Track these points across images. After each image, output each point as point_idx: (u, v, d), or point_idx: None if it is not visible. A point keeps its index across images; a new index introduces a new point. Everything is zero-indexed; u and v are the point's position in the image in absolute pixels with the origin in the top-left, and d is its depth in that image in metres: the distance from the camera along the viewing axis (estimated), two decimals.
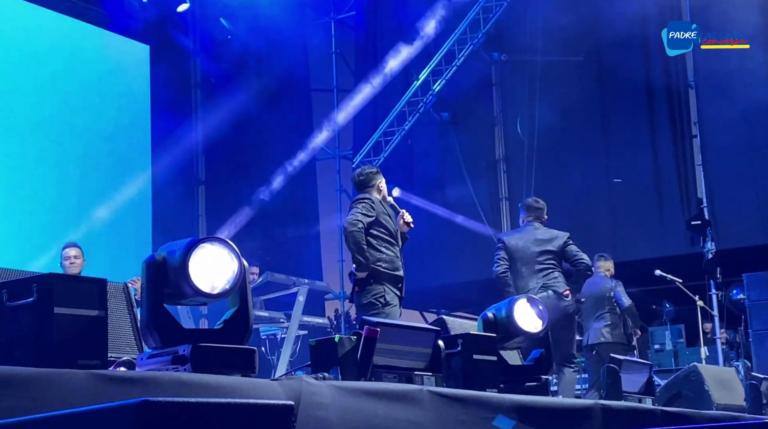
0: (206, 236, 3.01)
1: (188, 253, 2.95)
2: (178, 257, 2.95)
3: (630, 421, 3.95)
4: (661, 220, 11.21)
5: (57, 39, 10.14)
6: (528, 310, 4.51)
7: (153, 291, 2.97)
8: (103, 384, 2.50)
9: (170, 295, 3.03)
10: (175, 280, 2.97)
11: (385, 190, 6.20)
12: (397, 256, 6.01)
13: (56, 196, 9.73)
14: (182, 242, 3.01)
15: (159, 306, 2.97)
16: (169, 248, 3.03)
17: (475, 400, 3.43)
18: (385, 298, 5.85)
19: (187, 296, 3.05)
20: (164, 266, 2.99)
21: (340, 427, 2.87)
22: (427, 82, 12.09)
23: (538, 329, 4.50)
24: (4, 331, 2.81)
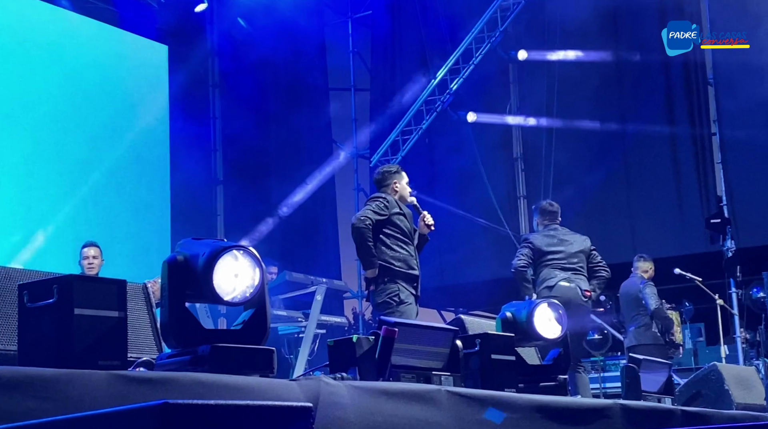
0: (231, 244, 3.02)
1: (214, 261, 2.97)
2: (202, 263, 2.97)
3: (650, 421, 3.93)
4: (680, 218, 11.16)
5: (76, 40, 10.21)
6: (548, 315, 4.50)
7: (174, 291, 2.99)
8: (124, 384, 2.51)
9: (190, 296, 3.05)
10: (198, 283, 2.99)
11: (403, 189, 6.19)
12: (411, 254, 6.01)
13: (75, 195, 9.79)
14: (205, 246, 3.03)
15: (180, 306, 2.99)
16: (190, 250, 3.04)
17: (494, 400, 3.43)
18: (399, 297, 5.86)
19: (208, 301, 3.07)
20: (186, 267, 3.00)
21: (358, 426, 2.88)
22: (444, 80, 12.08)
23: (557, 335, 4.50)
24: (25, 332, 2.83)
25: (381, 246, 5.95)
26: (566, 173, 11.60)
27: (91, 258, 7.31)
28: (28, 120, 9.50)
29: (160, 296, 3.04)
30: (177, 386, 2.60)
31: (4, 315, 3.15)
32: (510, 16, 11.85)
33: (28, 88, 9.55)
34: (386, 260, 5.92)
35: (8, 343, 3.08)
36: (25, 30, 9.69)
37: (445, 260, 12.19)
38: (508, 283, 11.62)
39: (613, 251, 11.00)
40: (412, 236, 6.08)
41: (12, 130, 9.36)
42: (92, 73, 10.28)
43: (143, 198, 10.64)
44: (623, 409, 3.86)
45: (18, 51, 9.53)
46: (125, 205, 10.30)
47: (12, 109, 9.36)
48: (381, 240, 5.96)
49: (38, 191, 9.45)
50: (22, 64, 9.55)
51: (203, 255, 2.98)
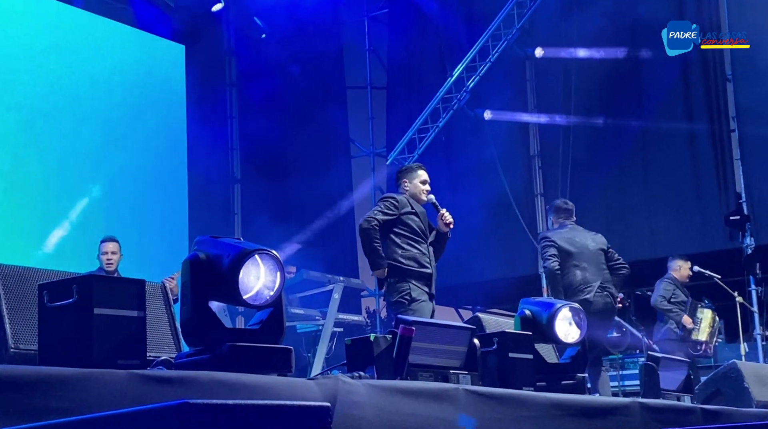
0: (256, 247, 3.05)
1: (240, 264, 2.99)
2: (228, 265, 2.99)
3: (669, 420, 3.92)
4: (699, 215, 11.09)
5: (93, 40, 10.26)
6: (570, 320, 4.49)
7: (196, 290, 3.00)
8: (143, 384, 2.53)
9: (212, 295, 3.07)
10: (221, 283, 3.01)
11: (415, 188, 6.15)
12: (423, 252, 6.00)
13: (93, 194, 9.84)
14: (228, 247, 3.05)
15: (203, 305, 3.01)
16: (212, 249, 3.06)
17: (512, 399, 3.43)
18: (410, 295, 5.86)
19: (228, 301, 3.09)
20: (209, 266, 3.02)
21: (376, 425, 2.88)
22: (461, 78, 12.06)
23: (576, 339, 4.49)
24: (45, 332, 2.85)
25: (391, 245, 5.97)
26: (583, 170, 11.56)
27: (110, 253, 7.35)
28: (45, 120, 9.55)
29: (179, 293, 3.06)
30: (196, 385, 2.62)
31: (25, 315, 3.18)
32: (527, 13, 11.83)
33: (45, 88, 9.60)
34: (396, 259, 5.93)
35: (29, 342, 3.11)
36: (41, 30, 9.75)
37: (462, 258, 12.16)
38: (526, 281, 11.64)
39: (631, 249, 10.95)
40: (425, 235, 6.06)
41: (30, 130, 9.42)
42: (109, 74, 10.33)
43: (161, 197, 10.69)
44: (642, 408, 3.85)
45: (34, 52, 9.59)
46: (143, 204, 10.35)
47: (29, 110, 9.42)
48: (391, 239, 5.97)
49: (56, 190, 9.51)
50: (39, 64, 9.61)
51: (228, 256, 3.00)
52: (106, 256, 7.34)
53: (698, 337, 8.47)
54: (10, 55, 9.35)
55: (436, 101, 12.13)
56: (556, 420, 3.46)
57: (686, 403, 5.08)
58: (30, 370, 2.45)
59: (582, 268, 6.98)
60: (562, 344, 4.52)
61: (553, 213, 7.42)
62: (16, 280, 3.24)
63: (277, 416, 1.70)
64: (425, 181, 6.20)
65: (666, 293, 8.69)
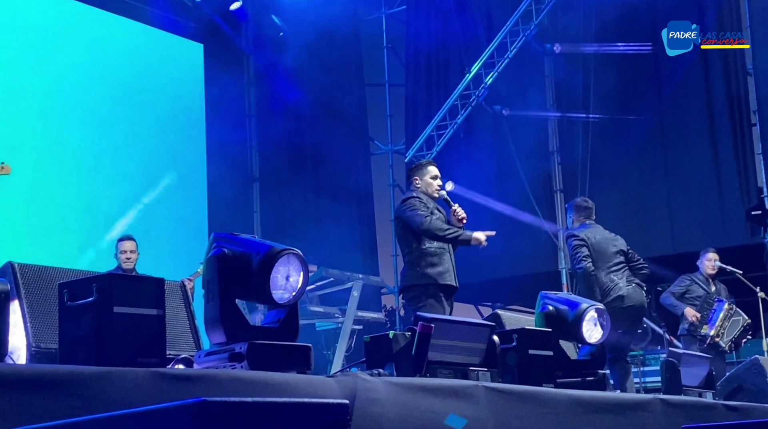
0: (284, 247, 3.10)
1: (272, 263, 3.02)
2: (259, 263, 3.01)
3: (691, 416, 3.89)
4: (720, 210, 11.01)
5: (111, 39, 10.30)
6: (595, 320, 4.48)
7: (223, 286, 3.01)
8: (163, 382, 2.54)
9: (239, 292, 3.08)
10: (250, 282, 3.03)
11: (427, 185, 6.12)
12: (442, 247, 5.99)
13: (112, 193, 9.89)
14: (254, 245, 3.08)
15: (230, 302, 3.02)
16: (238, 246, 3.07)
17: (533, 396, 3.42)
18: (429, 291, 5.85)
19: (255, 299, 3.10)
20: (235, 263, 3.03)
21: (396, 422, 2.88)
22: (479, 74, 12.02)
23: (597, 340, 4.48)
24: (65, 331, 2.87)
25: (414, 242, 5.95)
26: (603, 166, 11.50)
27: (129, 252, 7.39)
28: (63, 120, 9.60)
29: (205, 290, 3.06)
30: (215, 383, 2.63)
31: (45, 314, 3.19)
32: (545, 9, 11.77)
33: (63, 88, 9.66)
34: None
35: (49, 341, 3.12)
36: (61, 30, 9.80)
37: (481, 255, 12.11)
38: (546, 277, 11.59)
39: (652, 245, 10.91)
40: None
41: (48, 129, 9.47)
42: (128, 73, 10.37)
43: (180, 196, 10.73)
44: (664, 404, 3.83)
45: (53, 51, 9.64)
46: (162, 203, 10.39)
47: (46, 108, 9.47)
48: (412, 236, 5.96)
49: (75, 187, 9.56)
50: (57, 63, 9.66)
51: (258, 254, 3.03)
52: (125, 254, 7.38)
53: (705, 332, 8.40)
54: (28, 55, 9.41)
55: (455, 98, 12.10)
56: (577, 417, 3.44)
57: (708, 399, 5.04)
58: (51, 369, 2.46)
59: (602, 270, 6.96)
60: (585, 344, 4.50)
61: (574, 211, 7.39)
62: (36, 279, 3.26)
63: (295, 414, 1.70)
64: (436, 177, 6.15)
65: (677, 289, 8.67)
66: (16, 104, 9.16)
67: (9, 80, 9.15)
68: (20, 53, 9.32)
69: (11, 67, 9.19)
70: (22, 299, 3.17)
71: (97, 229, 9.41)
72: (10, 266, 3.22)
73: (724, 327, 8.43)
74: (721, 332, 8.40)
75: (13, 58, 9.21)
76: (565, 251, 11.75)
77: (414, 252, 5.90)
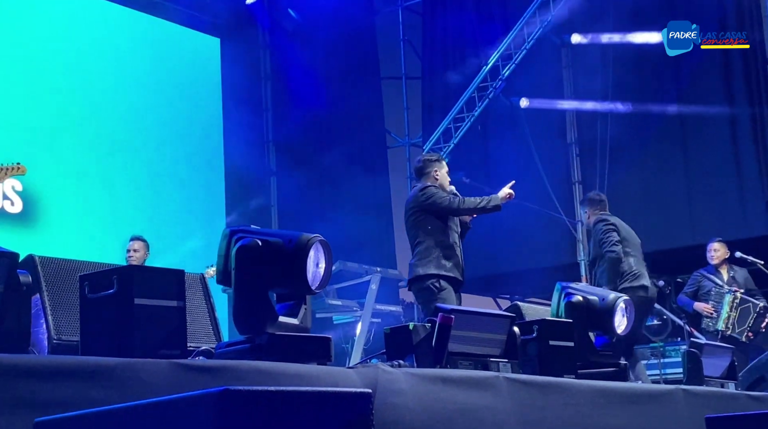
0: (313, 235, 3.12)
1: (307, 250, 3.04)
2: (293, 251, 3.02)
3: (713, 406, 3.87)
4: (740, 200, 10.93)
5: (128, 34, 10.34)
6: (624, 311, 4.48)
7: (254, 277, 3.00)
8: (185, 373, 2.54)
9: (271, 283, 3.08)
10: (284, 269, 3.03)
11: (444, 178, 6.24)
12: (456, 241, 6.07)
13: (130, 188, 9.92)
14: (282, 234, 3.09)
15: (260, 291, 3.02)
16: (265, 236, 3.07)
17: (554, 386, 3.40)
18: (440, 285, 5.91)
19: (289, 288, 3.10)
20: (267, 253, 3.02)
21: (418, 412, 2.87)
22: (496, 66, 11.97)
23: (623, 331, 4.47)
24: (87, 323, 2.88)
25: (422, 233, 5.99)
26: (622, 157, 11.44)
27: (132, 250, 7.48)
28: (81, 115, 9.64)
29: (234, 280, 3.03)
30: (236, 374, 2.63)
31: (66, 306, 3.21)
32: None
33: (78, 82, 9.69)
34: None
35: (71, 333, 3.14)
36: (77, 25, 9.84)
37: (499, 247, 12.10)
38: (564, 270, 11.54)
39: (672, 235, 10.85)
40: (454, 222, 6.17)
41: (64, 124, 9.50)
42: (145, 67, 10.40)
43: (198, 190, 10.77)
44: (686, 394, 3.80)
45: (69, 46, 9.68)
46: (180, 197, 10.42)
47: (62, 104, 9.51)
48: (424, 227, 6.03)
49: (93, 183, 9.59)
50: (73, 59, 9.69)
51: (291, 242, 3.03)
52: (128, 253, 7.48)
53: (717, 327, 8.32)
54: (43, 50, 9.44)
55: (472, 90, 12.06)
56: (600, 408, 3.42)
57: (731, 390, 5.01)
58: (73, 360, 2.47)
59: (633, 256, 7.00)
60: (614, 334, 4.47)
61: (589, 206, 7.45)
62: (57, 272, 3.27)
63: (319, 403, 1.70)
64: (448, 172, 6.34)
65: (689, 289, 8.68)
66: (32, 100, 9.20)
67: (25, 76, 9.18)
68: (35, 49, 9.36)
69: (28, 64, 9.23)
70: (43, 291, 3.18)
71: (113, 223, 9.43)
72: (31, 259, 3.23)
73: (733, 317, 8.33)
74: (731, 324, 8.30)
75: (28, 55, 9.25)
76: (584, 243, 11.71)
77: (428, 242, 5.92)
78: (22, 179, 8.83)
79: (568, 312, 4.35)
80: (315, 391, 1.70)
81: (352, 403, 1.76)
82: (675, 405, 3.73)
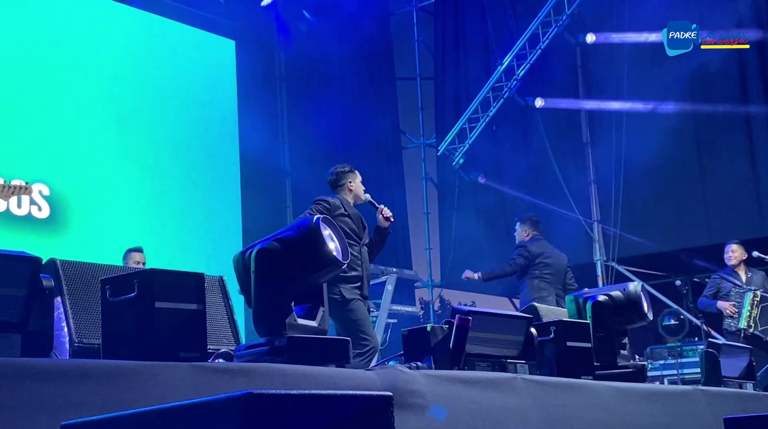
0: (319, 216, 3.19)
1: (317, 227, 3.08)
2: (305, 234, 3.05)
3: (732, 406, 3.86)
4: (756, 199, 10.87)
5: (144, 37, 10.38)
6: (646, 295, 4.50)
7: (266, 280, 3.03)
8: (206, 375, 2.56)
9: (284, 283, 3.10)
10: (304, 257, 3.05)
11: (357, 188, 6.42)
12: (355, 255, 6.10)
13: (146, 191, 9.96)
14: (287, 227, 3.12)
15: (275, 295, 3.04)
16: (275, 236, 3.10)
17: (574, 387, 3.40)
18: (343, 295, 6.00)
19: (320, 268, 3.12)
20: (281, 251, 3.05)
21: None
22: (511, 66, 11.96)
23: (650, 318, 4.48)
24: (108, 326, 2.90)
25: None
26: (637, 157, 11.40)
27: (142, 264, 7.34)
28: (96, 117, 9.68)
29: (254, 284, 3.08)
30: (257, 376, 2.64)
31: (87, 309, 3.23)
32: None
33: (93, 85, 9.73)
34: None
35: (92, 336, 3.16)
36: (93, 30, 9.88)
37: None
38: (580, 270, 11.51)
39: (687, 235, 10.82)
40: (357, 236, 6.23)
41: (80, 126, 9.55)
42: (160, 70, 10.44)
43: (214, 192, 10.80)
44: (705, 395, 3.80)
45: (83, 49, 9.71)
46: (197, 199, 10.46)
47: (77, 107, 9.55)
48: None
49: (108, 186, 9.64)
50: (89, 62, 9.73)
51: (300, 228, 3.07)
52: (139, 265, 7.31)
53: (739, 326, 8.31)
54: (57, 53, 9.49)
55: (487, 90, 12.05)
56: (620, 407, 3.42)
57: (749, 390, 4.99)
58: (95, 363, 2.49)
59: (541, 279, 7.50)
60: (645, 318, 4.46)
61: (526, 225, 8.47)
62: (78, 275, 3.30)
63: (340, 406, 1.71)
64: (362, 181, 6.52)
65: (709, 291, 8.69)
66: (46, 104, 9.25)
67: (38, 79, 9.23)
68: (49, 52, 9.40)
69: (40, 66, 9.27)
70: (65, 295, 3.21)
71: (132, 226, 9.48)
72: (53, 263, 3.26)
73: (754, 316, 8.33)
74: (753, 322, 8.29)
75: (40, 57, 9.30)
76: (600, 242, 11.69)
77: None
78: (49, 184, 8.91)
79: (596, 312, 4.31)
80: (337, 395, 1.72)
81: (373, 405, 1.77)
82: (695, 405, 3.73)
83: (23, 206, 8.72)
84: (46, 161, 9.02)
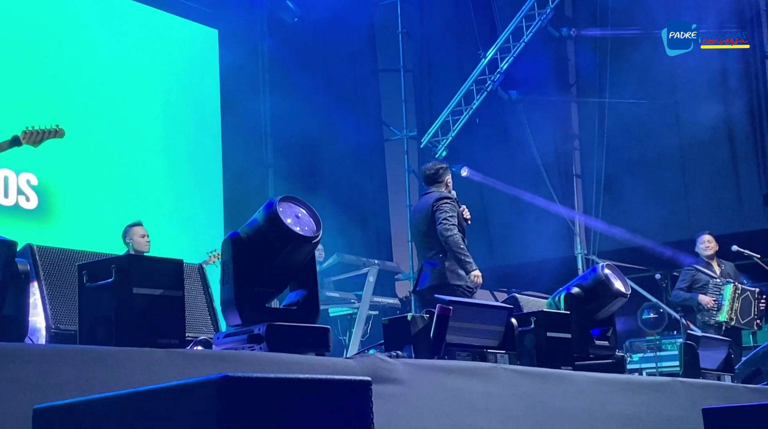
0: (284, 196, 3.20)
1: (274, 205, 3.09)
2: (264, 215, 3.07)
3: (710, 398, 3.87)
4: (737, 194, 10.94)
5: (126, 25, 10.29)
6: (614, 272, 4.50)
7: (238, 268, 3.02)
8: (183, 362, 2.54)
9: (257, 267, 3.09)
10: (271, 241, 3.04)
11: (450, 185, 6.62)
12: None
13: (127, 178, 9.90)
14: (253, 217, 3.12)
15: (245, 283, 3.03)
16: (248, 222, 3.11)
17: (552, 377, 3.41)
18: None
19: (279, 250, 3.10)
20: (250, 238, 3.04)
21: (417, 400, 2.88)
22: (494, 60, 11.97)
23: (629, 290, 4.49)
24: (85, 312, 2.88)
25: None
26: (620, 151, 11.45)
27: (145, 236, 7.42)
28: (76, 107, 9.60)
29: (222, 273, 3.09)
30: (235, 364, 2.63)
31: (64, 295, 3.20)
32: None
33: (72, 73, 9.64)
34: None
35: (69, 323, 3.13)
36: (75, 18, 9.80)
37: (496, 241, 12.13)
38: (562, 264, 11.56)
39: (668, 229, 10.87)
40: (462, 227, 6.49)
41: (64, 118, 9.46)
42: (142, 59, 10.36)
43: (196, 181, 10.74)
44: (684, 386, 3.81)
45: (67, 39, 9.63)
46: (178, 189, 10.40)
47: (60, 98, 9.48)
48: None
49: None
50: (70, 51, 9.65)
51: (260, 211, 3.08)
52: (144, 238, 7.39)
53: (719, 319, 8.32)
54: (40, 42, 9.41)
55: (470, 83, 12.06)
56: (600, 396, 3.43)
57: (727, 382, 5.01)
58: (71, 349, 2.47)
59: None
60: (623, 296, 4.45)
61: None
62: (55, 261, 3.27)
63: (318, 390, 1.70)
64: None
65: (683, 283, 8.62)
66: (31, 94, 9.17)
67: (21, 69, 9.15)
68: (28, 42, 9.31)
69: (22, 56, 9.19)
70: (41, 281, 3.18)
71: (111, 215, 9.41)
72: (29, 248, 3.22)
73: (735, 308, 8.34)
74: (734, 315, 8.31)
75: (20, 47, 9.21)
76: (581, 236, 11.74)
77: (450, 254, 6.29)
78: (37, 174, 8.82)
79: (569, 304, 4.34)
80: (315, 379, 1.71)
81: (351, 390, 1.76)
82: (673, 396, 3.74)
83: (10, 196, 8.63)
84: (33, 151, 8.91)
